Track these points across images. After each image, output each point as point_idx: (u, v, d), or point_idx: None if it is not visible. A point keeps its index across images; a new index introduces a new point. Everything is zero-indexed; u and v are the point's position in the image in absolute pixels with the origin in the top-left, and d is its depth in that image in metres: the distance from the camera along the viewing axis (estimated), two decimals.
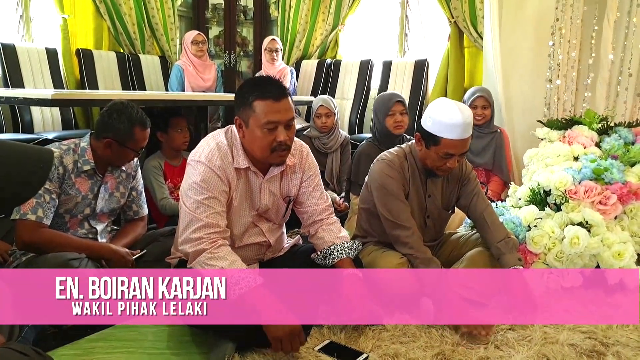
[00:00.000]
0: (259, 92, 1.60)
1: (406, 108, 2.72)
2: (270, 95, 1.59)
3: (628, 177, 2.37)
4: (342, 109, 4.36)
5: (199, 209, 1.60)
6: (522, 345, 1.64)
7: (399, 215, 1.89)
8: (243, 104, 1.62)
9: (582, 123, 2.73)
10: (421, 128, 1.89)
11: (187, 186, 1.65)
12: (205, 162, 1.62)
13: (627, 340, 1.69)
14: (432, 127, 1.84)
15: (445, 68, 4.16)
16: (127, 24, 4.19)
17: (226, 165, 1.65)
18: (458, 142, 1.81)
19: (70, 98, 2.56)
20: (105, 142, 1.89)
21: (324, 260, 1.78)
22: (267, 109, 1.58)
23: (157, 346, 1.64)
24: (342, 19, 4.67)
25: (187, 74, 4.10)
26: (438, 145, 1.83)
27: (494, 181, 2.92)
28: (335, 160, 3.24)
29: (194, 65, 4.13)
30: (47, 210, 1.79)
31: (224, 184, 1.64)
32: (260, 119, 1.59)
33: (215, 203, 1.62)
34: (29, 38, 3.78)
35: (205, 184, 1.61)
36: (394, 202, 1.89)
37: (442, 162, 1.86)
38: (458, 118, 1.78)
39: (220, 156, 1.65)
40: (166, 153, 2.72)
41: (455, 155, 1.84)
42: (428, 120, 1.86)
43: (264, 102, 1.58)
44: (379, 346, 1.63)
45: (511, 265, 1.87)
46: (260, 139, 1.61)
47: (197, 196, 1.61)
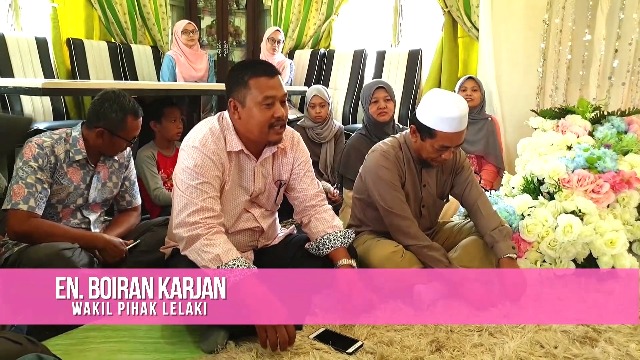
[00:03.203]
0: (252, 70, 1.64)
1: (391, 94, 2.67)
2: (264, 72, 1.64)
3: (621, 166, 2.39)
4: (335, 99, 4.35)
5: (193, 194, 1.60)
6: (515, 332, 1.65)
7: (397, 205, 1.90)
8: (238, 83, 1.64)
9: (575, 112, 2.74)
10: (416, 120, 1.89)
11: (180, 171, 1.65)
12: (199, 147, 1.63)
13: (620, 327, 1.70)
14: (428, 120, 1.83)
15: (439, 58, 4.15)
16: (118, 13, 4.15)
17: (220, 150, 1.66)
18: (454, 135, 1.81)
19: (61, 87, 2.53)
20: (97, 131, 1.87)
21: (317, 250, 1.78)
22: (264, 85, 1.62)
23: (151, 335, 1.64)
24: (336, 9, 4.65)
25: (179, 64, 4.06)
26: (434, 138, 1.83)
27: (486, 170, 2.93)
28: (329, 150, 3.23)
29: (185, 55, 4.09)
30: (39, 200, 1.78)
31: (217, 168, 1.64)
32: (257, 96, 1.62)
33: (209, 188, 1.62)
34: (19, 27, 3.72)
35: (198, 169, 1.61)
36: (391, 192, 1.89)
37: (437, 154, 1.86)
38: (454, 111, 1.78)
39: (214, 140, 1.65)
40: (159, 143, 2.70)
41: (450, 148, 1.84)
42: (423, 112, 1.86)
43: (260, 78, 1.62)
44: (374, 334, 1.63)
45: (504, 254, 1.88)
46: (258, 116, 1.63)
47: (191, 181, 1.60)
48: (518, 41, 3.16)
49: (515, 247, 1.93)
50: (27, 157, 1.78)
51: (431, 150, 1.86)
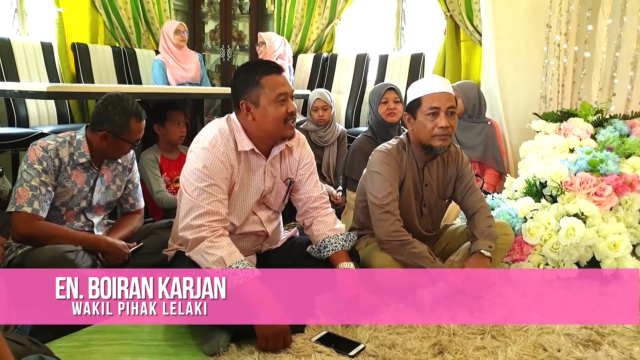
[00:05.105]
0: (262, 70, 1.67)
1: (400, 97, 2.71)
2: (272, 70, 1.67)
3: (623, 169, 2.38)
4: (338, 103, 4.35)
5: (200, 196, 1.60)
6: (518, 335, 1.65)
7: (386, 198, 1.87)
8: (249, 84, 1.66)
9: (577, 115, 2.74)
10: (407, 106, 1.95)
11: (188, 173, 1.65)
12: (209, 148, 1.64)
13: (623, 330, 1.70)
14: (413, 94, 1.91)
15: (442, 62, 4.16)
16: (122, 18, 4.17)
17: (229, 151, 1.67)
18: (439, 95, 1.86)
19: (65, 91, 2.55)
20: (101, 134, 1.89)
21: (319, 253, 1.78)
22: (276, 83, 1.66)
23: (153, 338, 1.64)
24: (338, 13, 4.66)
25: (168, 66, 3.97)
26: (421, 105, 1.87)
27: (488, 174, 2.92)
28: (331, 153, 3.24)
29: (174, 57, 4.00)
30: (43, 203, 1.79)
31: (226, 170, 1.65)
32: (271, 94, 1.65)
33: (217, 190, 1.62)
34: (24, 32, 3.75)
35: (207, 170, 1.62)
36: (384, 184, 1.88)
37: (432, 124, 1.85)
38: (431, 76, 1.96)
39: (224, 142, 1.67)
40: (163, 146, 2.71)
41: (441, 111, 1.84)
42: (408, 95, 1.94)
43: (270, 76, 1.66)
44: (376, 337, 1.63)
45: (478, 249, 1.88)
46: (273, 114, 1.66)
47: (199, 183, 1.61)
48: (521, 45, 3.16)
49: (492, 246, 1.90)
50: (31, 160, 1.80)
51: (425, 123, 1.86)
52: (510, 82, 3.22)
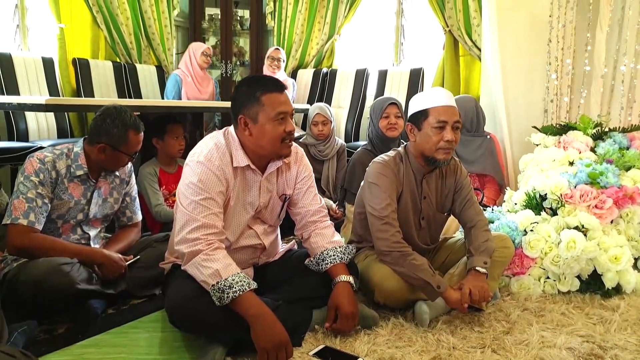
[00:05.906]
0: (263, 87, 1.65)
1: (402, 112, 2.72)
2: (275, 88, 1.65)
3: (623, 181, 2.37)
4: (338, 118, 4.36)
5: (196, 209, 1.59)
6: (519, 350, 1.62)
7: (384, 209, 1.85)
8: (249, 100, 1.64)
9: (576, 129, 2.74)
10: (410, 117, 1.93)
11: (184, 187, 1.64)
12: (204, 162, 1.62)
13: (625, 344, 1.67)
14: (418, 105, 1.90)
15: (441, 76, 4.18)
16: (123, 34, 4.21)
17: (225, 165, 1.65)
18: (446, 108, 1.85)
19: (64, 103, 2.55)
20: (99, 146, 1.88)
21: (317, 266, 1.76)
22: (276, 101, 1.64)
23: (149, 351, 1.61)
24: (338, 29, 4.70)
25: (185, 84, 4.09)
26: (428, 117, 1.86)
27: (488, 187, 2.91)
28: (331, 167, 3.24)
29: (193, 77, 4.11)
30: (39, 215, 1.78)
31: (221, 184, 1.64)
32: (270, 112, 1.63)
33: (212, 204, 1.61)
34: (26, 47, 3.78)
35: (202, 184, 1.60)
36: (382, 195, 1.86)
37: (438, 136, 1.84)
38: (437, 89, 1.93)
39: (219, 156, 1.65)
40: (161, 160, 2.71)
41: (448, 124, 1.83)
42: (413, 106, 1.93)
43: (271, 94, 1.64)
44: (375, 350, 1.60)
45: (473, 266, 1.85)
46: (271, 132, 1.64)
47: (194, 197, 1.60)
48: (522, 59, 3.18)
49: (487, 262, 1.87)
50: (28, 172, 1.79)
51: (431, 135, 1.85)
52: (511, 96, 3.23)
